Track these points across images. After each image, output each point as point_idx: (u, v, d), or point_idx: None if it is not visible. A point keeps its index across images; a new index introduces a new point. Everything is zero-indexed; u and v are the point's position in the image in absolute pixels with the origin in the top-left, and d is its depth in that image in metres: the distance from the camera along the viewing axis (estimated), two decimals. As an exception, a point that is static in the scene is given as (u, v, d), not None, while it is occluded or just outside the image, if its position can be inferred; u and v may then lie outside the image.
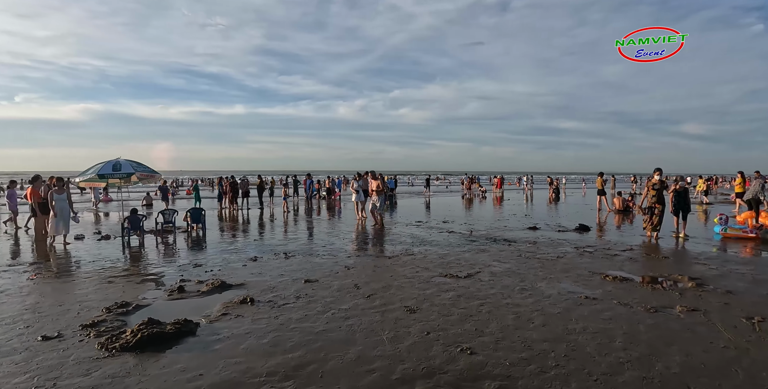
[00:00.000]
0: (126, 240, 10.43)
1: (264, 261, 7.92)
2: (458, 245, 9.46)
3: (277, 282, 6.40)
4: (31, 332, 4.55)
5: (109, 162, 11.80)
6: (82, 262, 8.11)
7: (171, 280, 6.60)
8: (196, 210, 12.17)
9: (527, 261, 7.73)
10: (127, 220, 10.70)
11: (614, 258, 8.04)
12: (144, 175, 12.43)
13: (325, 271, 7.04)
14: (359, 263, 7.67)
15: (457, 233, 11.30)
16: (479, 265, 7.41)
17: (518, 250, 8.81)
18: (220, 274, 6.91)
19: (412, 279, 6.52)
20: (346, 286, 6.13)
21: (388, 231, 11.70)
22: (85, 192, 28.89)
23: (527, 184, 36.34)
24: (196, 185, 20.20)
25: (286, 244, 9.73)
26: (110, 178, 11.63)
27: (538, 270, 7.10)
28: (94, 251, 9.29)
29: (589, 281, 6.40)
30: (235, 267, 7.47)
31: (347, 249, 9.00)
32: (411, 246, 9.39)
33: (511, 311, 5.03)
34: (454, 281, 6.38)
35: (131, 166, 11.88)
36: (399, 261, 7.75)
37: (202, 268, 7.39)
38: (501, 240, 10.04)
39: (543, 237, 10.62)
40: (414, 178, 64.57)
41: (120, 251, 9.33)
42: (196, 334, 4.43)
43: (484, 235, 10.88)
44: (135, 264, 7.91)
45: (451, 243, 9.75)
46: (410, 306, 5.21)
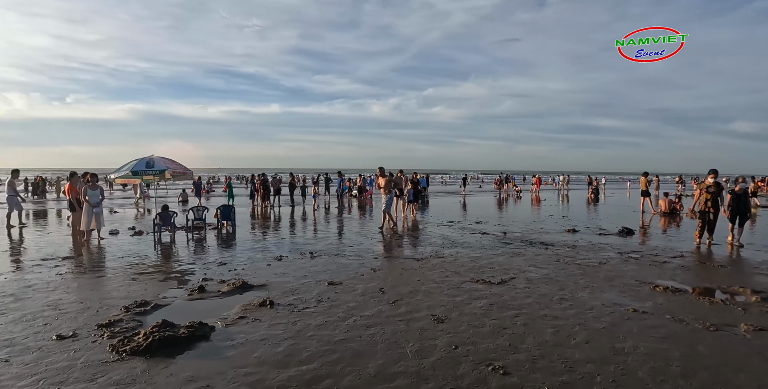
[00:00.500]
0: (157, 237, 10.49)
1: (289, 260, 7.69)
2: (491, 248, 8.96)
3: (300, 283, 6.14)
4: (47, 330, 4.44)
5: (143, 159, 11.94)
6: (112, 258, 8.12)
7: (194, 279, 6.45)
8: (227, 208, 12.15)
9: (566, 267, 7.17)
10: (159, 216, 10.76)
11: (663, 266, 7.36)
12: (177, 172, 12.54)
13: (350, 273, 6.73)
14: (386, 265, 7.32)
15: (491, 235, 10.76)
16: (514, 270, 6.92)
17: (556, 255, 8.23)
18: (243, 274, 6.72)
19: (441, 284, 6.11)
20: (371, 290, 5.78)
21: (418, 232, 11.30)
22: (127, 188, 29.85)
23: (564, 184, 35.03)
24: (230, 182, 20.40)
25: (314, 243, 9.50)
26: (144, 175, 11.75)
27: (578, 277, 6.54)
28: (125, 247, 9.34)
29: (637, 291, 5.81)
30: (259, 266, 7.27)
31: (375, 250, 8.66)
32: (441, 247, 8.96)
33: (550, 324, 4.55)
34: (486, 288, 5.93)
35: (164, 162, 11.98)
36: (428, 264, 7.35)
37: (227, 267, 7.23)
38: (537, 244, 9.46)
39: (583, 240, 9.94)
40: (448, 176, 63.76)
41: (150, 247, 9.34)
42: (210, 339, 4.19)
43: (519, 237, 10.31)
44: (161, 261, 7.84)
45: (483, 245, 9.25)
46: (438, 314, 4.82)
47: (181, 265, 7.49)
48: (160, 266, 7.43)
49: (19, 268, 7.24)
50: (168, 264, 7.56)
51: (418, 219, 14.32)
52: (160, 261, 7.89)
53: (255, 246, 9.31)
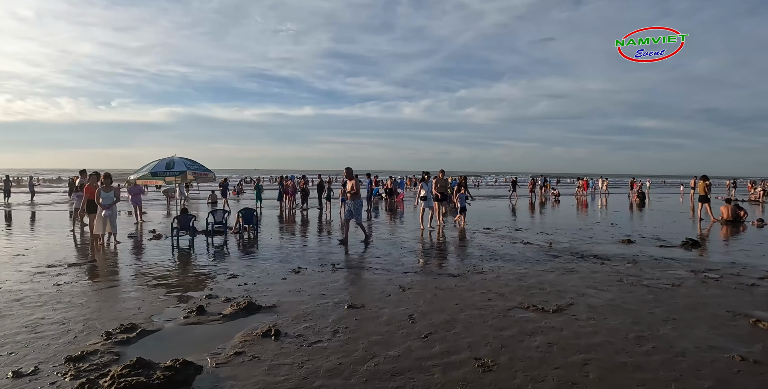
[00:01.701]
0: (175, 242, 9.84)
1: (307, 273, 6.76)
2: (537, 261, 7.76)
3: (316, 305, 5.17)
4: (8, 362, 3.64)
5: (163, 160, 11.35)
6: (120, 266, 7.43)
7: (198, 295, 5.60)
8: (249, 211, 11.40)
9: (633, 290, 5.92)
10: (177, 220, 10.09)
11: (753, 290, 5.98)
12: (198, 174, 11.91)
13: (375, 292, 5.72)
14: (417, 282, 6.27)
15: (534, 245, 9.53)
16: (570, 293, 5.73)
17: (616, 272, 6.96)
18: (253, 290, 5.82)
19: (484, 310, 5.01)
20: (398, 317, 4.75)
21: (453, 241, 10.18)
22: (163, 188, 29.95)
23: (604, 187, 32.93)
24: (258, 184, 19.83)
25: (337, 253, 8.55)
26: (165, 176, 11.16)
27: (651, 304, 5.30)
28: (139, 253, 8.69)
29: (734, 328, 4.54)
30: (273, 280, 6.37)
31: (405, 263, 7.62)
32: (480, 260, 7.83)
33: (635, 379, 3.39)
34: (539, 317, 4.79)
35: (184, 163, 11.35)
36: (466, 282, 6.25)
37: (237, 280, 6.36)
38: (590, 257, 8.18)
39: (643, 254, 8.58)
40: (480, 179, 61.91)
41: (165, 253, 8.65)
42: (191, 386, 3.27)
43: (567, 249, 9.04)
44: (170, 271, 7.06)
45: (528, 258, 8.06)
46: (482, 358, 3.73)
47: (190, 277, 6.68)
48: (166, 277, 6.64)
49: (21, 276, 6.61)
50: (176, 275, 6.77)
51: (451, 225, 13.18)
52: (169, 270, 7.12)
53: (274, 254, 8.44)
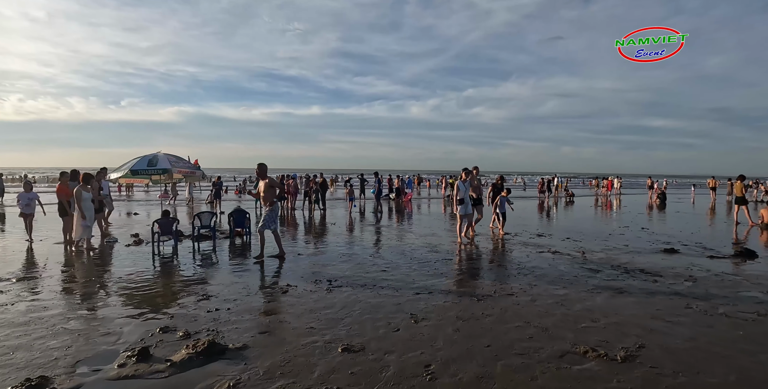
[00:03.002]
0: (156, 248, 8.59)
1: (298, 294, 5.44)
2: (576, 278, 6.37)
3: (300, 345, 3.84)
4: None
5: (146, 157, 10.11)
6: (78, 281, 6.15)
7: (152, 326, 4.30)
8: (240, 213, 10.10)
9: (711, 322, 4.52)
10: (157, 224, 8.82)
11: None
12: (185, 172, 10.65)
13: (379, 324, 4.37)
14: (433, 309, 4.90)
15: (565, 255, 8.13)
16: (633, 327, 4.35)
17: (677, 294, 5.56)
18: (224, 319, 4.51)
19: (526, 355, 3.65)
20: (410, 369, 3.41)
21: (471, 250, 8.81)
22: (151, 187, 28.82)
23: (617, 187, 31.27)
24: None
25: (336, 264, 7.22)
26: (145, 174, 9.90)
27: (745, 344, 3.91)
28: (111, 262, 7.43)
29: None
30: (253, 304, 5.04)
31: (416, 279, 6.26)
32: (506, 276, 6.47)
33: None
34: (606, 369, 3.42)
35: (169, 161, 10.10)
36: (495, 309, 4.89)
37: (209, 303, 5.04)
38: (636, 272, 6.78)
39: (697, 267, 7.16)
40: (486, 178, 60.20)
41: (138, 264, 7.37)
42: None
43: (605, 260, 7.64)
44: (131, 289, 5.75)
45: (563, 273, 6.67)
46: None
47: (154, 297, 5.37)
48: (126, 297, 5.34)
49: (-52, 296, 5.35)
50: (138, 295, 5.46)
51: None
52: (132, 287, 5.82)
53: (266, 265, 7.13)
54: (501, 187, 11.89)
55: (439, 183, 37.85)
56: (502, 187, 12.01)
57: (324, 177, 18.13)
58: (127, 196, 27.12)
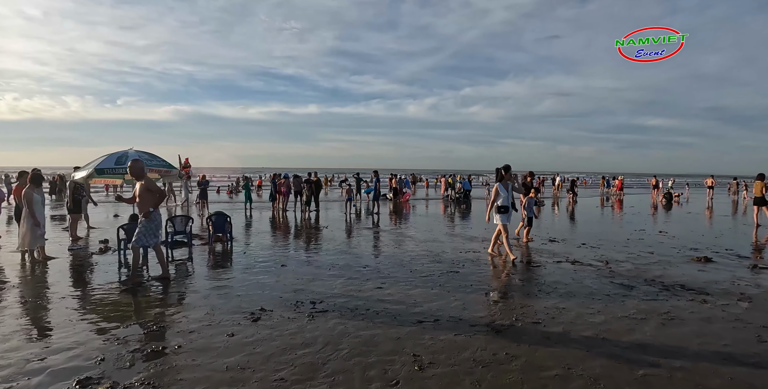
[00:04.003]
0: (123, 257, 7.50)
1: (272, 323, 4.31)
2: (609, 297, 5.27)
3: (262, 411, 2.72)
4: None
5: (114, 154, 8.95)
6: (7, 302, 5.01)
7: (68, 378, 3.18)
8: (220, 217, 8.96)
9: (806, 365, 3.43)
10: (123, 230, 7.69)
11: None
12: (158, 171, 9.49)
13: (372, 375, 3.24)
14: (442, 346, 3.78)
15: (586, 265, 7.04)
16: (707, 374, 3.25)
17: (737, 319, 4.47)
18: (167, 365, 3.37)
19: (580, 430, 2.55)
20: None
21: (478, 258, 7.69)
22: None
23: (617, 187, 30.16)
24: (247, 183, 17.43)
25: (324, 279, 6.09)
26: (113, 174, 8.75)
27: None
28: (62, 275, 6.28)
29: None
30: (212, 339, 3.90)
31: (418, 300, 5.12)
32: (526, 296, 5.37)
33: None
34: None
35: (140, 159, 8.93)
36: (521, 346, 3.77)
37: (155, 340, 3.92)
38: (677, 288, 5.69)
39: (742, 281, 6.09)
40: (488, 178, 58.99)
41: (99, 276, 6.24)
42: None
43: (634, 273, 6.55)
44: (64, 318, 4.62)
45: (592, 290, 5.56)
46: None
47: (83, 331, 4.23)
48: (45, 332, 4.21)
49: None
50: (64, 328, 4.32)
51: (471, 234, 10.69)
52: (63, 315, 4.68)
53: (237, 280, 5.99)
54: (531, 185, 10.22)
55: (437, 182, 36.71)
56: (531, 185, 10.40)
57: (318, 176, 16.97)
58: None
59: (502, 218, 7.41)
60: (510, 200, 7.54)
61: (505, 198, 7.41)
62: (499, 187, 7.47)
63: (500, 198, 7.41)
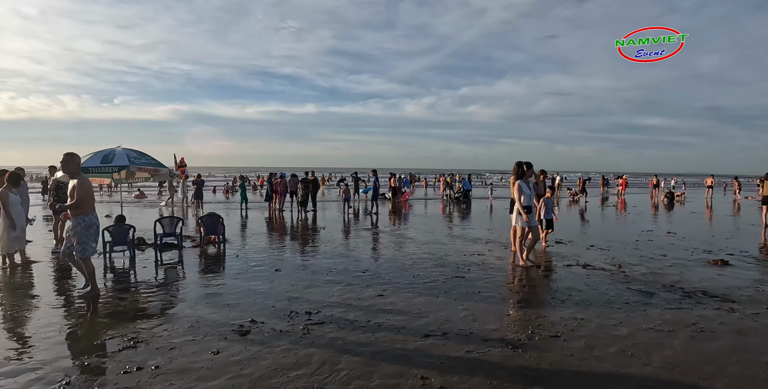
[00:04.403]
0: (108, 261, 7.08)
1: (261, 338, 3.87)
2: (628, 305, 4.85)
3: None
4: None
5: (101, 152, 8.50)
6: (-27, 314, 4.56)
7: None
8: (212, 218, 8.51)
9: None
10: (108, 232, 7.23)
11: None
12: (148, 170, 9.05)
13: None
14: (452, 365, 3.33)
15: (599, 269, 6.63)
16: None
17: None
18: (143, 385, 2.95)
19: None
20: None
21: (484, 261, 7.27)
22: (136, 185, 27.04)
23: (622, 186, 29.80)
24: (242, 183, 16.95)
25: (321, 285, 5.65)
26: (99, 172, 8.29)
27: None
28: (41, 281, 5.83)
29: None
30: (193, 359, 3.46)
31: (423, 310, 4.69)
32: (540, 305, 4.95)
33: None
34: None
35: (128, 157, 8.49)
36: (541, 364, 3.34)
37: (132, 357, 3.47)
38: (698, 295, 5.28)
39: (767, 286, 5.69)
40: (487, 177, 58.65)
41: (78, 282, 5.79)
42: None
43: (650, 277, 6.14)
44: (38, 329, 4.16)
45: (609, 297, 5.14)
46: None
47: (52, 347, 3.79)
48: (7, 350, 3.76)
49: None
50: (31, 344, 3.87)
51: (473, 235, 10.26)
52: (37, 326, 4.23)
53: (228, 287, 5.55)
54: (544, 186, 9.41)
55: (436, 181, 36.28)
56: (545, 184, 9.64)
57: (315, 175, 16.53)
58: (109, 196, 25.42)
59: (521, 221, 6.70)
60: (533, 199, 6.91)
61: (528, 197, 6.66)
62: (522, 184, 6.64)
63: (523, 196, 6.63)
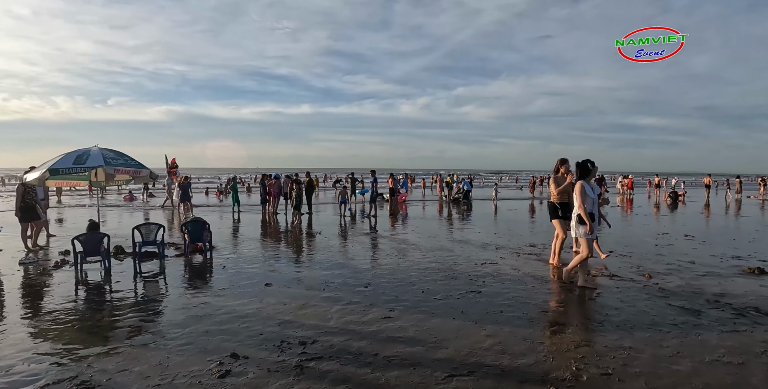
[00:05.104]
0: (80, 273, 6.31)
1: (247, 378, 3.10)
2: (676, 326, 4.12)
3: None
4: None
5: (74, 152, 7.63)
6: None
7: None
8: (197, 224, 7.71)
9: None
10: (78, 241, 6.43)
11: None
12: (127, 171, 8.20)
13: None
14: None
15: (627, 279, 5.90)
16: None
17: None
18: None
19: None
20: None
21: (498, 271, 6.53)
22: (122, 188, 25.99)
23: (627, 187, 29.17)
24: (234, 184, 16.12)
25: (317, 303, 4.88)
26: (70, 174, 7.45)
27: None
28: (7, 295, 5.02)
29: None
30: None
31: (440, 336, 3.94)
32: (576, 327, 4.21)
33: None
34: None
35: (104, 157, 7.64)
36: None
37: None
38: (751, 312, 4.56)
39: (823, 301, 4.99)
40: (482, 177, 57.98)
41: (46, 296, 4.99)
42: None
43: (687, 289, 5.42)
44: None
45: (651, 317, 4.39)
46: None
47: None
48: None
49: None
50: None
51: (486, 240, 9.53)
52: (-24, 362, 3.44)
53: (210, 310, 4.77)
54: None
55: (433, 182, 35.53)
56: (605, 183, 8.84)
57: (310, 176, 15.72)
58: (101, 197, 24.44)
59: (584, 230, 5.33)
60: (597, 206, 5.68)
61: (592, 202, 5.44)
62: (585, 186, 5.40)
63: (587, 202, 5.36)
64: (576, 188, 5.39)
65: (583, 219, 5.28)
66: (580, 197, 5.34)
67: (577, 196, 5.37)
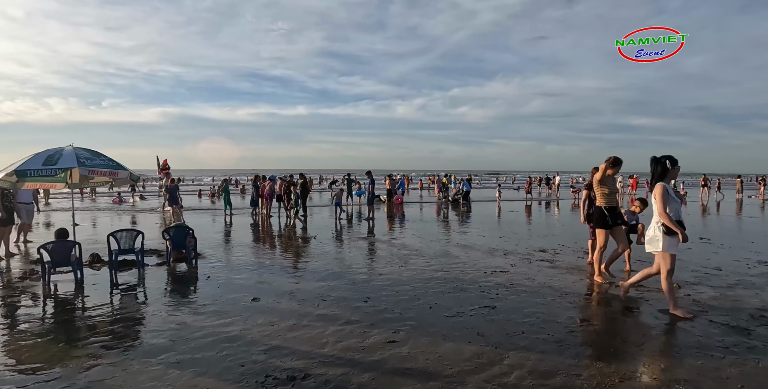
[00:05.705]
0: (48, 284, 5.64)
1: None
2: (726, 349, 3.50)
3: None
4: None
5: (44, 153, 6.97)
6: None
7: None
8: (180, 230, 7.03)
9: None
10: (45, 250, 5.75)
11: None
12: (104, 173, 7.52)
13: None
14: None
15: (654, 290, 5.32)
16: None
17: None
18: None
19: None
20: None
21: (511, 281, 5.91)
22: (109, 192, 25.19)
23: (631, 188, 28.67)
24: (226, 186, 15.44)
25: (311, 322, 4.24)
26: (39, 176, 6.76)
27: None
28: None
29: None
30: None
31: (455, 366, 3.30)
32: (613, 353, 3.60)
33: None
34: None
35: (77, 157, 6.96)
36: None
37: None
38: (806, 330, 3.97)
39: None
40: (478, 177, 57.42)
41: (9, 311, 4.32)
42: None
43: (725, 304, 4.83)
44: None
45: (699, 340, 3.78)
46: None
47: None
48: None
49: None
50: None
51: (491, 245, 8.91)
52: None
53: (186, 333, 4.11)
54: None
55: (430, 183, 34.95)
56: None
57: (305, 177, 15.05)
58: (92, 200, 23.63)
59: (671, 243, 4.35)
60: (680, 212, 4.56)
61: (677, 210, 4.46)
62: (668, 189, 4.43)
63: (672, 207, 4.40)
64: (657, 190, 4.46)
65: (671, 229, 4.29)
66: (662, 201, 4.35)
67: (659, 201, 4.37)
